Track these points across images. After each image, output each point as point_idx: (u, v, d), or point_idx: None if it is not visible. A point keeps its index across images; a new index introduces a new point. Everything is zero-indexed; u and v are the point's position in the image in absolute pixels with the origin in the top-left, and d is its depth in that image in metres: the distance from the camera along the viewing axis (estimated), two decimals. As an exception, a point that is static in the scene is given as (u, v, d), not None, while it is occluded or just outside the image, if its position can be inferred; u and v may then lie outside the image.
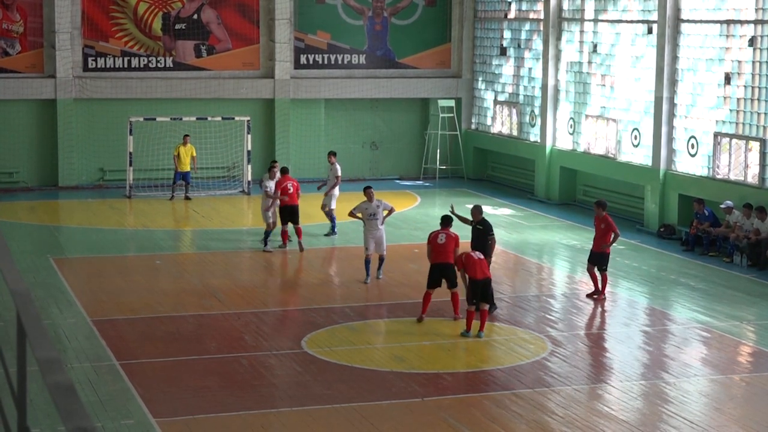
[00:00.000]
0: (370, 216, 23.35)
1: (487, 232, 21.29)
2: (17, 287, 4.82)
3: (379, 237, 23.39)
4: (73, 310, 21.24)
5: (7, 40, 35.99)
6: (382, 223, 23.44)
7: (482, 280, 19.56)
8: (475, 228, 21.46)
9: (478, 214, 21.57)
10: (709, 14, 28.85)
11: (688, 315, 21.68)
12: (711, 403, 16.71)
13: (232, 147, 36.91)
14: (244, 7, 37.85)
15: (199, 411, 15.69)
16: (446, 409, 15.89)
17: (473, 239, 21.40)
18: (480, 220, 21.49)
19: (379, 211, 23.33)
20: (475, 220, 21.54)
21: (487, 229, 21.33)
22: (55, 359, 4.08)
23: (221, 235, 29.21)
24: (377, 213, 23.31)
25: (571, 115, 34.51)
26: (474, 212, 21.63)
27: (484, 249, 20.83)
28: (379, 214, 23.31)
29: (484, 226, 21.39)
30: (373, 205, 23.39)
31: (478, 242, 21.17)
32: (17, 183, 36.22)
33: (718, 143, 28.41)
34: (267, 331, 20.03)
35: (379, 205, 23.38)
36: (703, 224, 27.35)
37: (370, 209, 23.38)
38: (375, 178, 39.00)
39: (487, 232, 21.29)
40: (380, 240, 23.42)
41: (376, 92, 38.90)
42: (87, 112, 36.55)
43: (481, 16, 39.39)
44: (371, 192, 23.63)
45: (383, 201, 23.72)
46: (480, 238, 21.25)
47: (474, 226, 21.52)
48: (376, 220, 23.29)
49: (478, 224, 21.44)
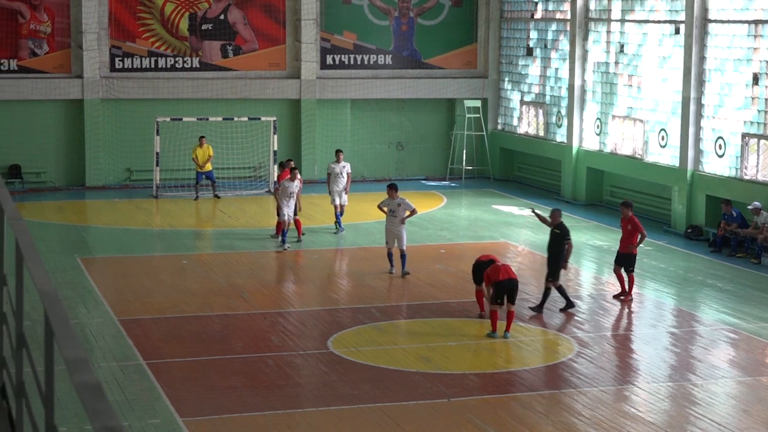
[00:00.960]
0: (391, 212, 24.30)
1: (564, 237, 21.60)
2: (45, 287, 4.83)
3: (398, 233, 24.22)
4: (100, 310, 21.32)
5: (35, 40, 36.16)
6: (402, 222, 24.08)
7: (506, 281, 19.57)
8: (553, 232, 21.76)
9: (558, 217, 21.86)
10: (736, 14, 28.70)
11: (715, 316, 21.57)
12: (738, 405, 16.62)
13: (259, 147, 36.97)
14: (271, 8, 37.90)
15: (225, 411, 15.71)
16: (472, 410, 15.86)
17: (550, 242, 21.77)
18: (558, 224, 21.76)
19: (400, 209, 24.16)
20: (553, 223, 21.81)
21: (564, 233, 21.65)
22: (82, 359, 4.09)
23: (247, 235, 29.26)
24: (397, 211, 24.20)
25: (598, 116, 34.39)
26: (553, 215, 21.90)
27: (559, 252, 21.37)
28: (398, 212, 24.16)
29: (561, 230, 21.67)
30: (394, 202, 24.25)
31: (555, 246, 21.55)
32: (45, 183, 36.38)
33: (745, 144, 28.26)
34: (293, 331, 20.04)
35: (401, 204, 24.19)
36: (730, 225, 27.22)
37: (391, 206, 24.31)
38: (401, 179, 38.98)
39: (564, 237, 21.61)
40: (399, 236, 24.25)
41: (402, 93, 38.89)
42: (114, 113, 36.69)
43: (507, 16, 39.31)
44: (392, 190, 24.50)
45: (406, 200, 24.38)
46: (557, 242, 21.58)
47: (552, 229, 21.81)
48: (395, 217, 24.17)
49: (556, 228, 21.72)
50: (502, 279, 19.56)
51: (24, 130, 36.03)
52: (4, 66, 35.96)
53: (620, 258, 22.73)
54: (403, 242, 24.32)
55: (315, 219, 30.81)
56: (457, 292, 23.18)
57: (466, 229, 30.58)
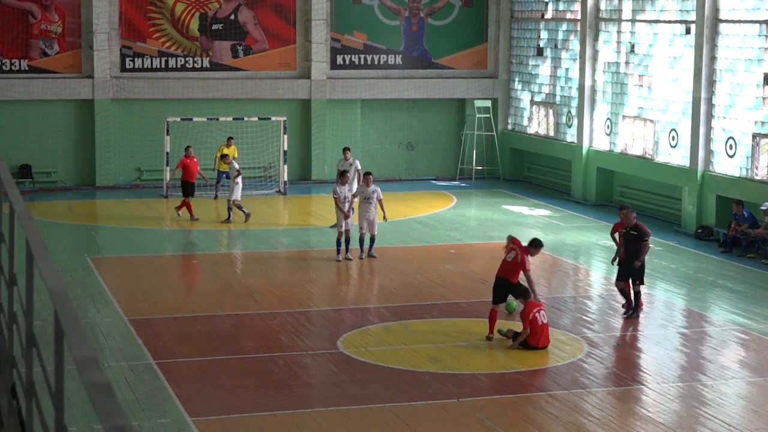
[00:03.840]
0: (365, 199, 25.75)
1: (641, 238, 20.88)
2: (55, 287, 4.84)
3: (371, 219, 25.76)
4: (110, 310, 21.35)
5: (45, 40, 36.24)
6: (375, 207, 25.73)
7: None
8: (629, 233, 21.06)
9: (632, 218, 21.16)
10: (748, 14, 28.65)
11: (725, 317, 21.53)
12: (749, 405, 16.59)
13: (269, 147, 37.00)
14: (281, 8, 37.92)
15: (234, 410, 15.73)
16: (481, 410, 15.85)
17: (626, 244, 21.05)
18: (634, 225, 21.09)
19: (374, 196, 25.70)
20: (628, 224, 21.15)
21: (642, 234, 20.91)
22: (92, 358, 4.10)
23: (257, 234, 29.28)
24: (371, 198, 25.72)
25: (608, 116, 34.36)
26: (627, 216, 21.19)
27: (637, 254, 20.81)
28: (372, 199, 25.70)
29: (638, 231, 20.99)
30: (369, 190, 25.75)
31: (632, 247, 20.90)
32: (55, 183, 36.46)
33: (756, 144, 28.20)
34: (302, 331, 20.05)
35: (375, 191, 25.73)
36: (741, 225, 27.16)
37: (365, 193, 25.80)
38: (411, 179, 39.03)
39: (642, 238, 20.88)
40: (372, 222, 25.79)
41: (412, 93, 38.89)
42: (124, 113, 36.75)
43: (517, 16, 39.29)
44: (369, 178, 26.02)
45: (378, 189, 25.94)
46: (634, 243, 20.91)
47: (628, 230, 21.11)
48: (370, 203, 25.70)
49: (632, 229, 21.06)
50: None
51: (34, 130, 36.11)
52: (15, 66, 36.04)
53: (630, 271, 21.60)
54: (374, 227, 25.86)
55: (324, 219, 30.81)
56: (466, 292, 23.17)
57: (475, 229, 30.57)
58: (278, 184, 36.27)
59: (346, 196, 25.83)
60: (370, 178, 26.10)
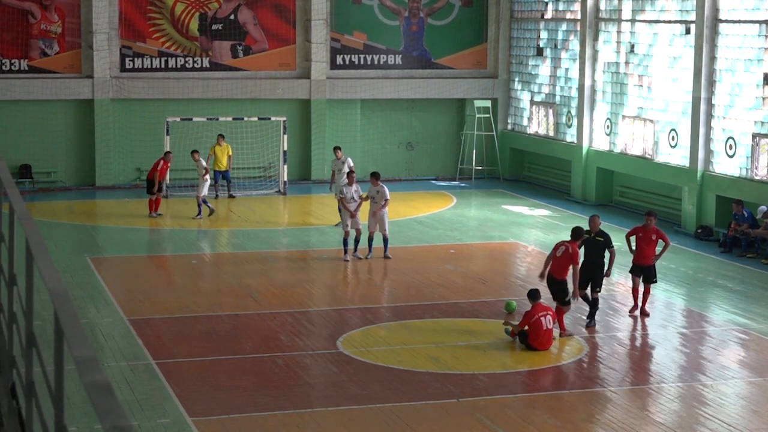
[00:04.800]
0: (372, 199, 25.91)
1: (607, 244, 20.51)
2: (55, 287, 4.84)
3: (380, 218, 25.73)
4: (110, 310, 21.35)
5: (45, 40, 36.23)
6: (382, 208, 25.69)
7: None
8: (594, 239, 20.57)
9: (598, 224, 20.78)
10: (747, 14, 28.65)
11: (725, 317, 21.54)
12: (749, 405, 16.59)
13: (269, 147, 37.00)
14: (281, 8, 37.92)
15: (234, 410, 15.73)
16: (481, 410, 15.86)
17: (589, 251, 20.57)
18: (599, 231, 20.67)
19: (378, 196, 25.78)
20: (593, 230, 20.67)
21: (607, 240, 20.55)
22: (92, 358, 4.10)
23: (257, 234, 29.28)
24: (376, 197, 25.89)
25: (608, 116, 34.36)
26: (593, 222, 20.80)
27: (602, 260, 20.48)
28: (378, 198, 25.77)
29: (604, 237, 20.60)
30: (374, 189, 25.94)
31: (596, 253, 20.49)
32: (55, 183, 36.45)
33: (756, 144, 28.20)
34: (302, 331, 20.05)
35: (380, 191, 25.81)
36: (741, 225, 27.16)
37: (371, 192, 26.01)
38: (411, 179, 39.02)
39: (608, 244, 20.52)
40: (382, 221, 25.77)
41: (412, 93, 38.89)
42: (124, 113, 36.75)
43: (517, 16, 39.29)
44: (373, 178, 26.22)
45: (385, 188, 25.91)
46: (599, 249, 20.49)
47: (593, 236, 20.60)
48: (377, 203, 25.78)
49: (598, 235, 20.61)
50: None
51: (34, 130, 36.11)
52: (15, 66, 36.04)
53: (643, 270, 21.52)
54: (385, 226, 25.77)
55: (324, 219, 30.83)
56: (466, 292, 23.18)
57: (475, 229, 30.57)
58: (278, 184, 36.27)
59: (353, 196, 25.95)
60: (376, 178, 26.17)
